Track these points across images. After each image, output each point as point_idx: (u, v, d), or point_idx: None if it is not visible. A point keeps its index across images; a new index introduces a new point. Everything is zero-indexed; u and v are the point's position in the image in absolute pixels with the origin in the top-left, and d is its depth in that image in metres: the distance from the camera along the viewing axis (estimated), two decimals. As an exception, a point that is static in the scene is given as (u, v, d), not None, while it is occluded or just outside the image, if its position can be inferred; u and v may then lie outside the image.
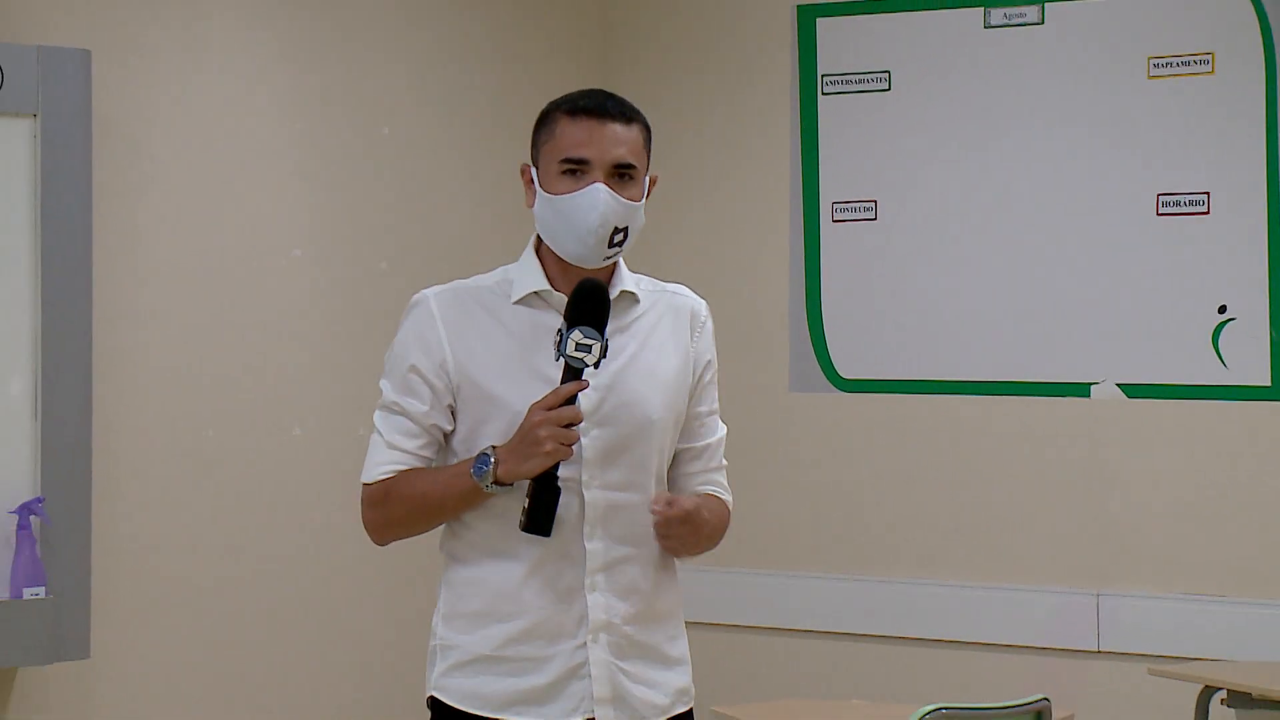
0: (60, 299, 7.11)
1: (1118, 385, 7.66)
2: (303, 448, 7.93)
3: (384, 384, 4.17)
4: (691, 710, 4.17)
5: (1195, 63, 7.52)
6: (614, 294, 4.03)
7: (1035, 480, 7.79)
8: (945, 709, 5.72)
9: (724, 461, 4.25)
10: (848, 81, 8.11)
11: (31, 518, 6.99)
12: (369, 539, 8.00)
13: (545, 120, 4.13)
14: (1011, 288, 7.79)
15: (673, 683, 4.10)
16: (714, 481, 4.20)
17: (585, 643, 3.97)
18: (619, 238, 3.98)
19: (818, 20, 8.10)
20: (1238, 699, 6.82)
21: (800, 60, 8.12)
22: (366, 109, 8.10)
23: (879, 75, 8.05)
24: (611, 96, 4.08)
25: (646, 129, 4.10)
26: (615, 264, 4.09)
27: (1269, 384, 7.40)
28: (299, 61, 7.92)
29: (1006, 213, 7.83)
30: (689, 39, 8.43)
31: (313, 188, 7.96)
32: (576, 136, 4.03)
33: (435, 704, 4.10)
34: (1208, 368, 7.52)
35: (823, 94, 8.09)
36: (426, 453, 4.07)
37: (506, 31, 8.44)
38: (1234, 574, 7.45)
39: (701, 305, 4.19)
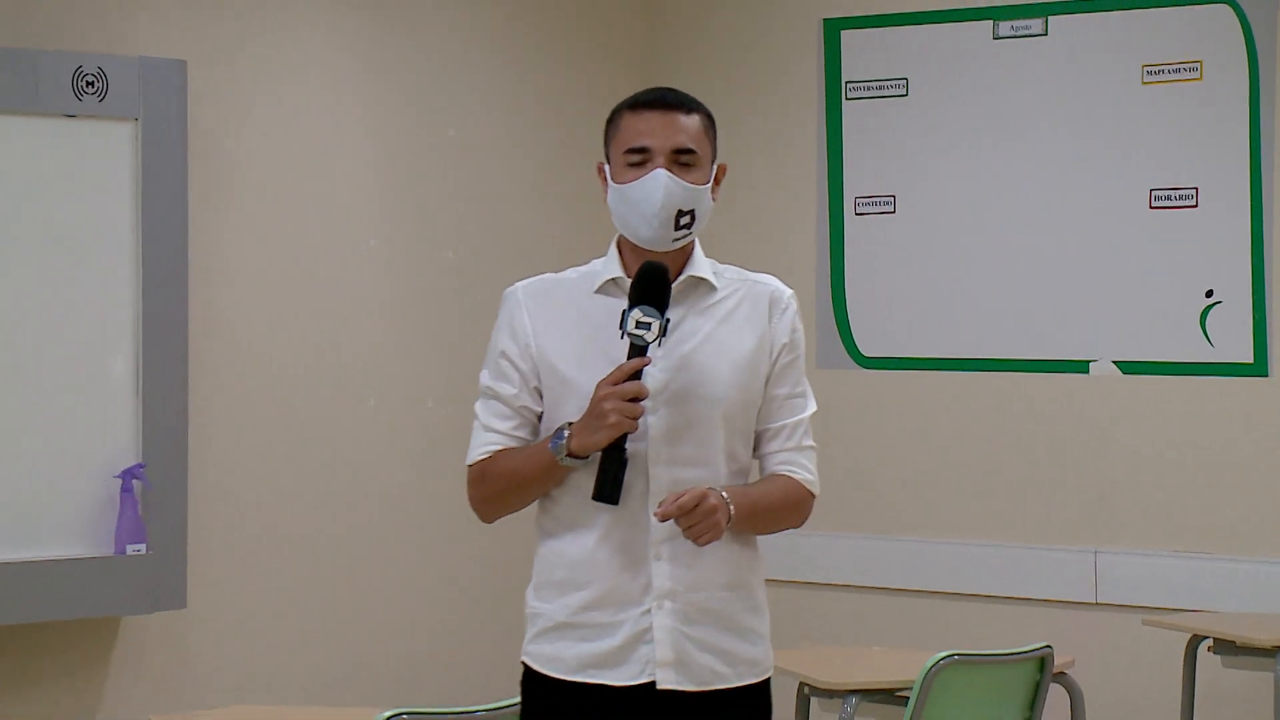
0: (158, 286, 7.14)
1: (1114, 363, 7.66)
2: (376, 416, 7.95)
3: (483, 373, 4.01)
4: (767, 682, 3.97)
5: (1185, 70, 7.52)
6: (683, 278, 3.92)
7: (1039, 448, 7.79)
8: (957, 655, 5.73)
9: (807, 442, 4.04)
10: (869, 88, 8.11)
11: (134, 481, 7.03)
12: (434, 500, 8.05)
13: (613, 119, 3.97)
14: (1017, 274, 7.79)
15: (742, 652, 3.90)
16: (791, 461, 4.00)
17: (650, 609, 3.82)
18: (685, 220, 3.86)
19: (842, 32, 8.09)
20: (1223, 646, 6.84)
21: (826, 68, 8.10)
22: (434, 113, 8.11)
23: (898, 82, 8.05)
24: (672, 90, 3.99)
25: (709, 118, 4.00)
26: (690, 252, 3.96)
27: (1251, 361, 7.40)
28: (374, 70, 7.94)
29: (1013, 207, 7.83)
30: (726, 48, 8.43)
31: (386, 185, 7.99)
32: (638, 127, 3.90)
33: (524, 668, 4.02)
34: (1196, 347, 7.51)
35: (846, 99, 8.10)
36: (520, 433, 3.95)
37: (559, 43, 8.45)
38: (1220, 533, 7.45)
39: (785, 292, 4.01)
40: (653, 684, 3.81)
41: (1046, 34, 7.79)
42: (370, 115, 7.95)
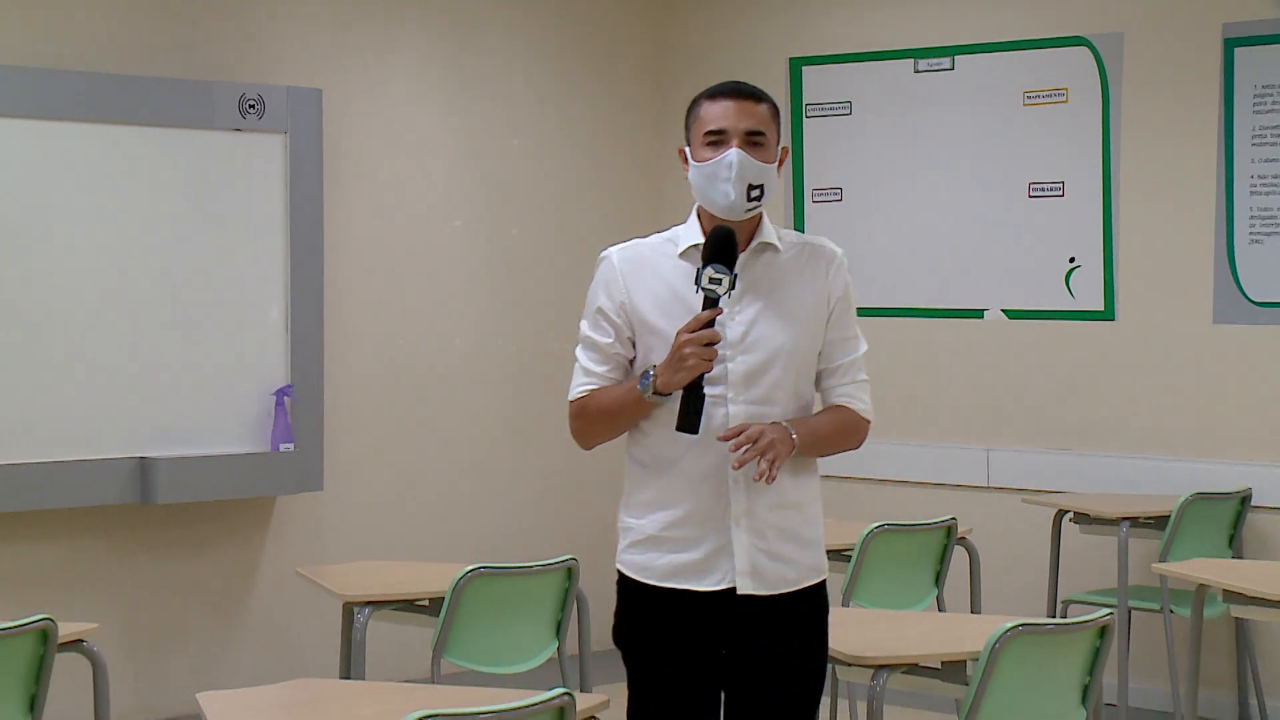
0: (302, 255, 7.21)
1: (1002, 310, 7.62)
2: (462, 352, 7.96)
3: (582, 324, 3.68)
4: (824, 582, 3.68)
5: (1055, 95, 7.46)
6: (755, 244, 3.59)
7: (946, 373, 7.79)
8: (888, 524, 5.74)
9: (861, 377, 3.75)
10: (822, 109, 8.06)
11: (285, 398, 7.11)
12: (501, 412, 8.05)
13: (692, 107, 3.63)
14: (930, 245, 7.75)
15: (805, 560, 3.62)
16: (847, 394, 3.70)
17: (730, 526, 3.52)
18: (755, 193, 3.51)
19: (803, 67, 8.05)
20: (1080, 518, 6.86)
21: (791, 94, 8.06)
22: (502, 126, 8.09)
23: (844, 104, 7.99)
24: (744, 82, 3.66)
25: (774, 108, 3.64)
26: (760, 221, 3.61)
27: (1103, 309, 7.36)
28: (458, 96, 7.94)
29: (928, 195, 7.79)
30: (718, 76, 8.32)
31: (468, 179, 7.98)
32: (715, 113, 3.56)
33: (619, 575, 3.65)
34: (1062, 299, 7.47)
35: (806, 117, 8.05)
36: (614, 375, 3.62)
37: (592, 74, 8.39)
38: (1079, 434, 7.43)
39: (837, 252, 3.69)
40: (732, 590, 3.53)
41: (954, 69, 7.74)
42: (455, 129, 7.95)
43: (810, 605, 3.62)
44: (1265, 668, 6.96)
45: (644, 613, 3.58)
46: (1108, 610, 4.29)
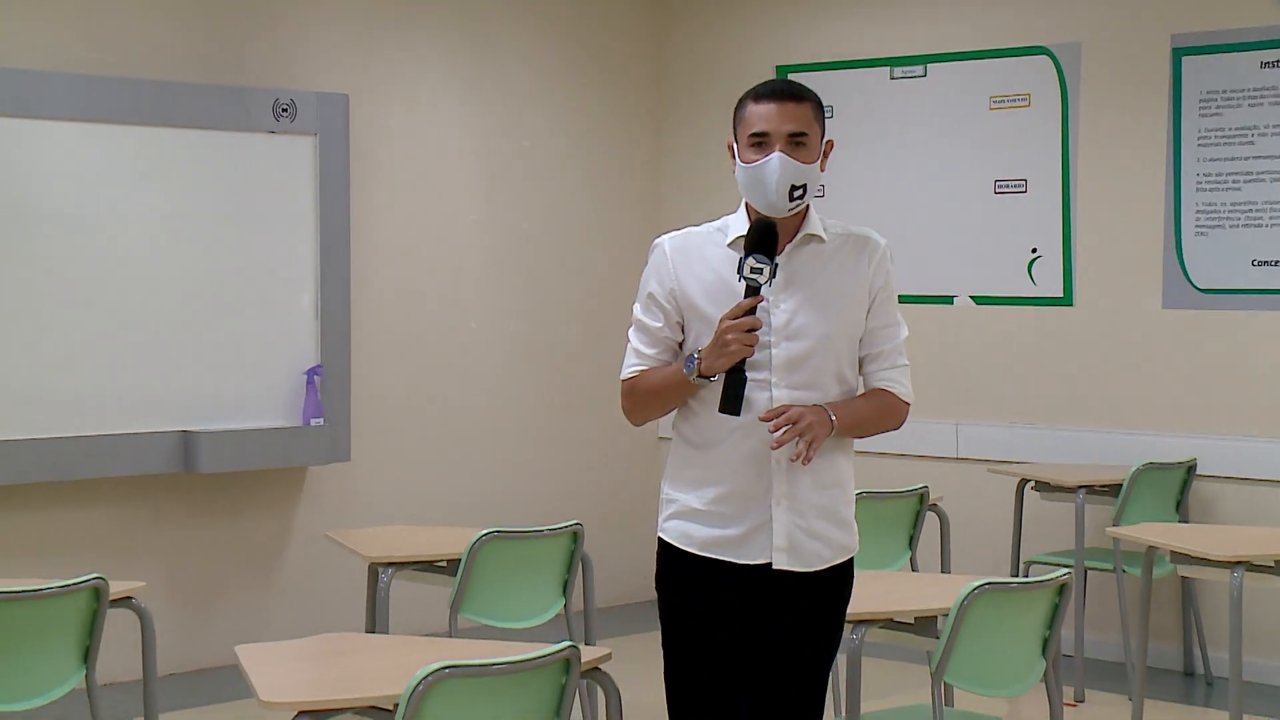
0: (330, 247, 7.20)
1: (970, 297, 7.62)
2: (477, 334, 7.95)
3: (635, 307, 3.50)
4: (851, 561, 3.52)
5: (1018, 100, 7.46)
6: (800, 235, 3.43)
7: (919, 354, 7.52)
8: (866, 493, 5.68)
9: (902, 362, 3.57)
10: (806, 112, 8.06)
11: (315, 377, 7.11)
12: (514, 386, 8.05)
13: (739, 107, 3.43)
14: (906, 236, 7.66)
15: (839, 539, 3.46)
16: (887, 378, 3.52)
17: (770, 505, 3.37)
18: (798, 193, 3.34)
19: (789, 74, 8.07)
20: (1041, 486, 6.86)
21: (778, 99, 8.06)
22: (515, 130, 8.08)
23: (827, 108, 7.93)
24: (787, 82, 3.44)
25: (817, 104, 3.43)
26: (805, 213, 3.45)
27: (1062, 295, 7.36)
28: (475, 102, 7.93)
29: (903, 191, 7.78)
30: (712, 84, 8.30)
31: (482, 178, 7.97)
32: (760, 114, 3.36)
33: (660, 542, 3.50)
34: (1025, 286, 7.47)
35: (791, 120, 8.03)
36: (664, 357, 3.45)
37: (595, 85, 8.38)
38: (1040, 410, 7.43)
39: (881, 242, 3.55)
40: (769, 564, 3.38)
41: (926, 76, 7.73)
42: (470, 132, 7.94)
43: (838, 581, 3.48)
44: (1208, 622, 6.97)
45: (681, 579, 3.45)
46: (1066, 570, 4.30)
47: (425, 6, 7.75)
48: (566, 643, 3.38)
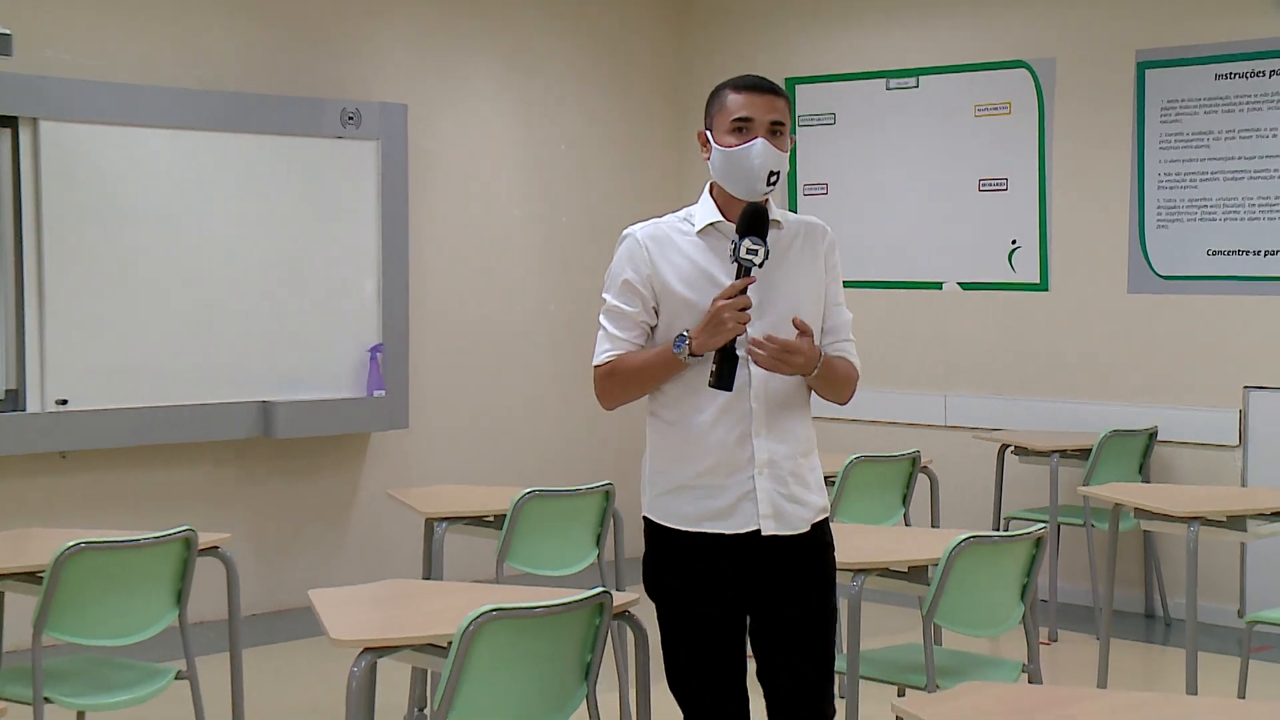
0: (391, 238, 7.19)
1: (957, 283, 7.59)
2: (520, 315, 7.95)
3: (606, 295, 3.26)
4: (826, 519, 3.30)
5: (1000, 108, 7.43)
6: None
7: (911, 333, 7.75)
8: (864, 456, 5.72)
9: (850, 336, 3.37)
10: (813, 119, 8.03)
11: (378, 354, 7.11)
12: (552, 359, 8.04)
13: (716, 95, 3.21)
14: (899, 228, 7.73)
15: (814, 501, 3.25)
16: (843, 349, 3.33)
17: (753, 475, 3.17)
18: (774, 178, 3.14)
19: (796, 85, 8.01)
20: (1019, 450, 6.84)
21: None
22: (553, 135, 8.07)
23: (829, 115, 7.97)
24: (763, 77, 3.24)
25: (789, 101, 3.24)
26: (767, 201, 3.23)
27: (1039, 282, 7.34)
28: (519, 110, 7.91)
29: (898, 189, 7.75)
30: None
31: (525, 177, 7.96)
32: (741, 103, 3.14)
33: (647, 521, 3.27)
34: (1006, 273, 7.44)
35: (800, 126, 8.01)
36: (639, 341, 3.21)
37: (621, 94, 8.36)
38: (1019, 382, 7.41)
39: (828, 229, 3.34)
40: (757, 532, 3.16)
41: (918, 87, 7.70)
42: (515, 137, 7.93)
43: (820, 539, 3.27)
44: (1167, 571, 6.97)
45: (673, 555, 3.22)
46: (1041, 525, 4.29)
47: (475, 26, 7.73)
48: (599, 589, 3.37)
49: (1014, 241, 7.43)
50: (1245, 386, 6.81)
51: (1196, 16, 6.89)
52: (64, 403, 6.29)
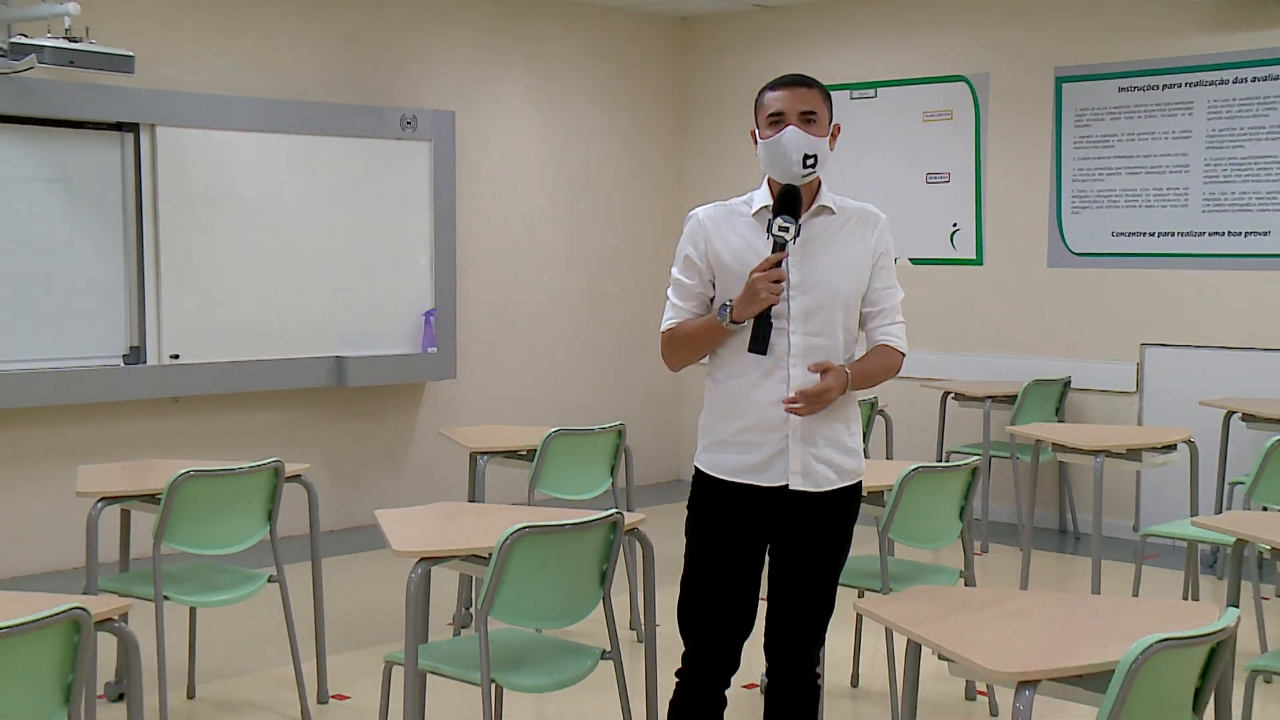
0: (442, 223, 7.12)
1: (909, 259, 7.52)
2: (548, 286, 7.88)
3: (673, 269, 3.05)
4: (860, 483, 3.05)
5: (944, 115, 7.39)
6: (815, 206, 3.00)
7: None
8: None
9: (899, 319, 3.08)
10: (788, 124, 7.98)
11: (431, 317, 7.09)
12: (575, 325, 8.01)
13: (758, 97, 2.98)
14: None
15: (846, 464, 3.00)
16: (888, 333, 3.05)
17: (787, 435, 2.94)
18: (810, 162, 2.91)
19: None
20: (959, 397, 6.84)
21: (767, 114, 7.98)
22: (576, 137, 8.00)
23: None
24: (797, 74, 3.00)
25: (825, 92, 2.98)
26: (818, 188, 3.02)
27: (975, 258, 7.32)
28: (548, 117, 7.85)
29: (861, 182, 7.61)
30: (717, 101, 8.31)
31: (552, 173, 7.90)
32: (775, 98, 2.92)
33: (696, 471, 3.06)
34: (947, 250, 7.41)
35: (777, 129, 7.95)
36: (697, 310, 3.01)
37: (634, 102, 8.29)
38: (959, 340, 7.37)
39: (881, 215, 3.09)
40: (786, 486, 2.95)
41: (876, 97, 7.65)
42: (544, 140, 7.87)
43: (846, 500, 3.03)
44: (1077, 494, 6.99)
45: (713, 502, 3.02)
46: (976, 457, 4.30)
47: (510, 46, 7.67)
48: (613, 510, 3.38)
49: (955, 225, 7.41)
50: (1141, 344, 6.81)
51: (1105, 39, 6.86)
52: (176, 357, 6.31)
